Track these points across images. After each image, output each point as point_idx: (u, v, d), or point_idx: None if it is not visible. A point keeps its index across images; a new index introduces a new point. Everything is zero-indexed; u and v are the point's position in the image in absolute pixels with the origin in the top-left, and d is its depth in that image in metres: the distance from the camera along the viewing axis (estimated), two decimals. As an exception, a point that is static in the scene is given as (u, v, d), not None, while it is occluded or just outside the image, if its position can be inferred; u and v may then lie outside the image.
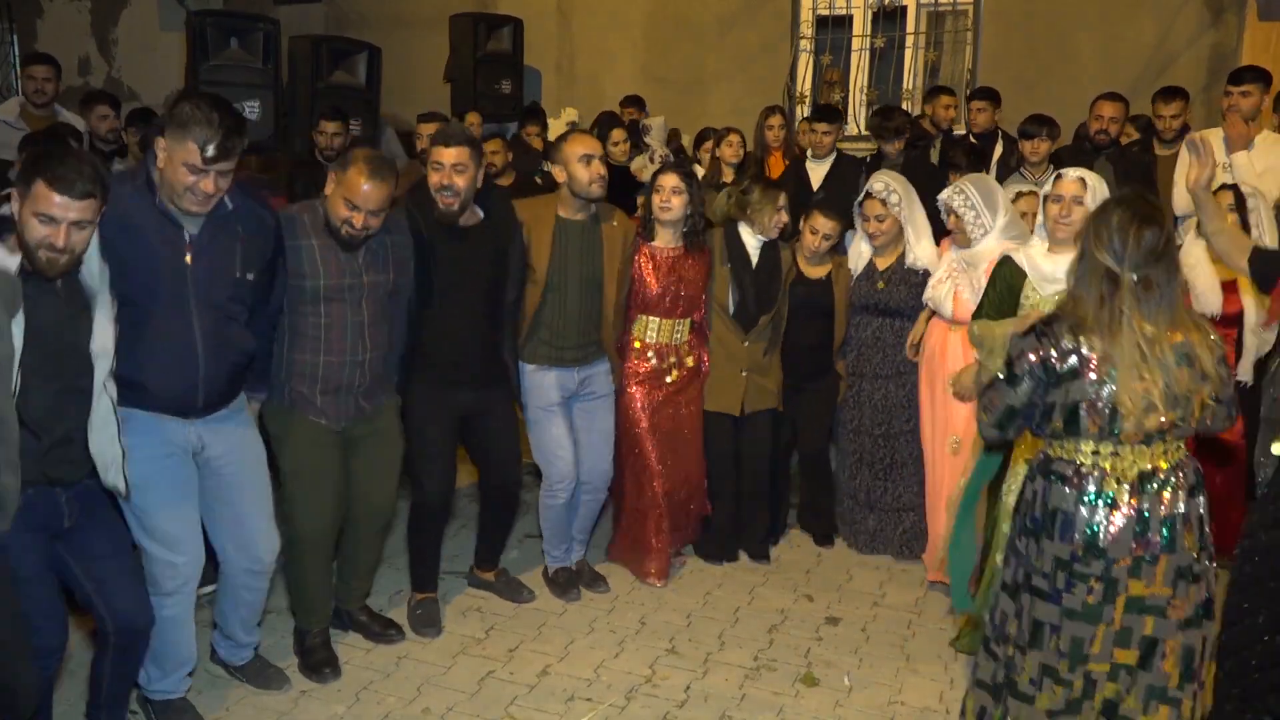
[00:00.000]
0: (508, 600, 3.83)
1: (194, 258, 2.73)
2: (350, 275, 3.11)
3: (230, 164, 2.67)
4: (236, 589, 3.09)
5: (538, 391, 3.73)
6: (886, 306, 4.15)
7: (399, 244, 3.26)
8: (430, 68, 8.17)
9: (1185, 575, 2.34)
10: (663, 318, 3.90)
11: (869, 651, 3.56)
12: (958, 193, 3.78)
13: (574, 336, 3.72)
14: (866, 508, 4.31)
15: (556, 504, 3.84)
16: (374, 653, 3.45)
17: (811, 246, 4.16)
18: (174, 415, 2.80)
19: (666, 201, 3.80)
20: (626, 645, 3.56)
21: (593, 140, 3.72)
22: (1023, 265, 3.29)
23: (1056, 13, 7.14)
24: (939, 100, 6.33)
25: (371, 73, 6.91)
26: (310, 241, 3.07)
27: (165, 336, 2.72)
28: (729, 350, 4.04)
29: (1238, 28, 6.51)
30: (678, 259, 3.88)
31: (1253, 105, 4.51)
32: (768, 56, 7.89)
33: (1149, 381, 2.23)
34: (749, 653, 3.53)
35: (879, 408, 4.21)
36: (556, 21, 8.55)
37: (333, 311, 3.10)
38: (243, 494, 2.98)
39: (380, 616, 3.59)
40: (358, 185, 2.99)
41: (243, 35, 6.07)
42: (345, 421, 3.21)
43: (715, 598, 3.94)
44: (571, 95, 8.02)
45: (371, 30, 8.02)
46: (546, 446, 3.77)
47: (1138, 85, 6.33)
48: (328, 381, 3.13)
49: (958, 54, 7.63)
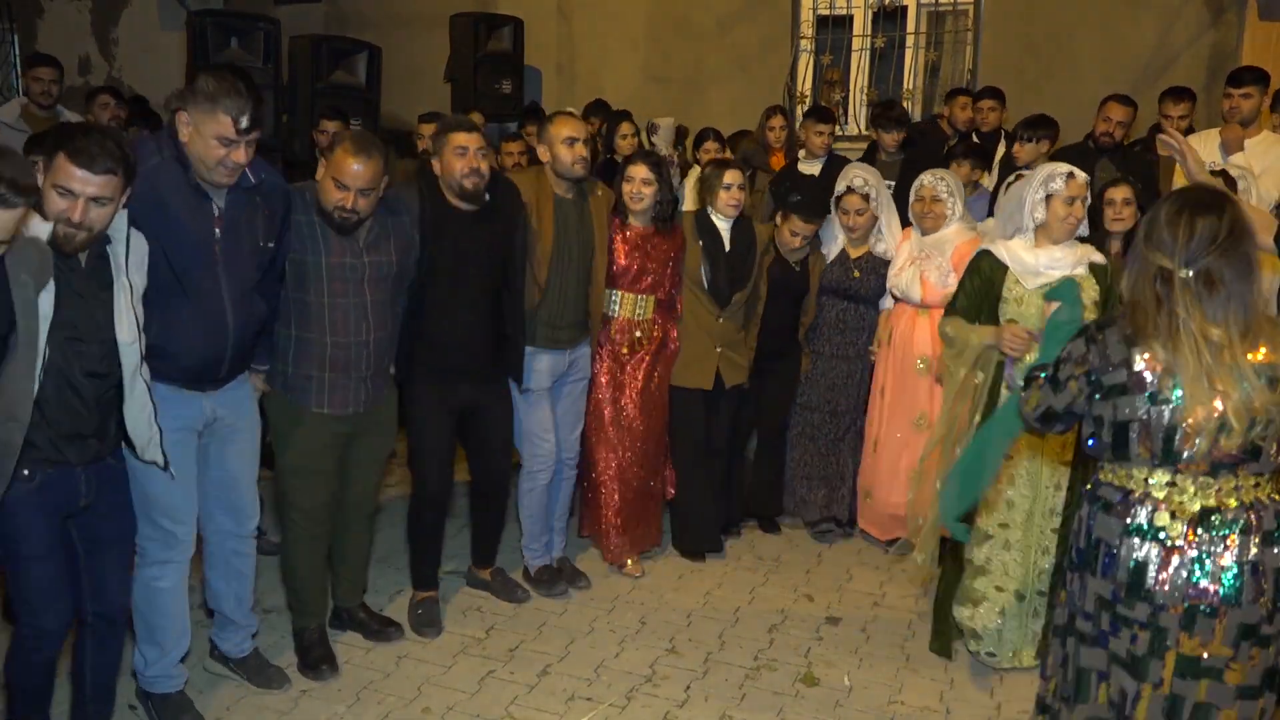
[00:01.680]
0: (505, 600, 3.83)
1: (223, 231, 2.80)
2: (351, 255, 3.13)
3: (259, 133, 2.74)
4: (227, 557, 3.11)
5: (531, 375, 3.76)
6: (858, 293, 4.37)
7: (403, 225, 3.28)
8: (431, 67, 8.16)
9: (1251, 635, 2.00)
10: (625, 291, 3.95)
11: (869, 651, 3.57)
12: (940, 179, 4.12)
13: (570, 315, 3.78)
14: (812, 480, 4.51)
15: (537, 487, 3.86)
16: (374, 652, 3.45)
17: (791, 246, 4.27)
18: (194, 388, 2.85)
19: (638, 192, 3.88)
20: (627, 645, 3.56)
21: (578, 123, 3.77)
22: (1003, 259, 3.23)
23: (1057, 12, 7.13)
24: (956, 101, 6.25)
25: (372, 72, 6.93)
26: (312, 217, 3.10)
27: (197, 306, 2.78)
28: (703, 325, 4.09)
29: (1238, 27, 6.50)
30: (647, 236, 3.95)
31: (1253, 107, 4.52)
32: (768, 56, 7.89)
33: (1222, 393, 1.94)
34: (749, 652, 3.53)
35: (832, 386, 4.43)
36: (557, 21, 8.55)
37: (335, 290, 3.12)
38: (240, 459, 3.04)
39: (379, 615, 3.59)
40: (346, 164, 2.99)
41: (243, 35, 6.10)
42: (352, 408, 3.22)
43: (715, 597, 3.94)
44: (572, 95, 8.01)
45: (372, 30, 8.02)
46: (530, 429, 3.81)
47: (1138, 85, 6.32)
48: (335, 362, 3.16)
49: (958, 54, 7.62)
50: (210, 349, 2.83)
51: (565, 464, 3.96)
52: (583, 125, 3.79)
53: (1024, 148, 4.91)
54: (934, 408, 4.06)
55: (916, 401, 4.17)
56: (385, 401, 3.36)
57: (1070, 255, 3.20)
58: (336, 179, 3.02)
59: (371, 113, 6.85)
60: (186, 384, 2.83)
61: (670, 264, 4.00)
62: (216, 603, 3.18)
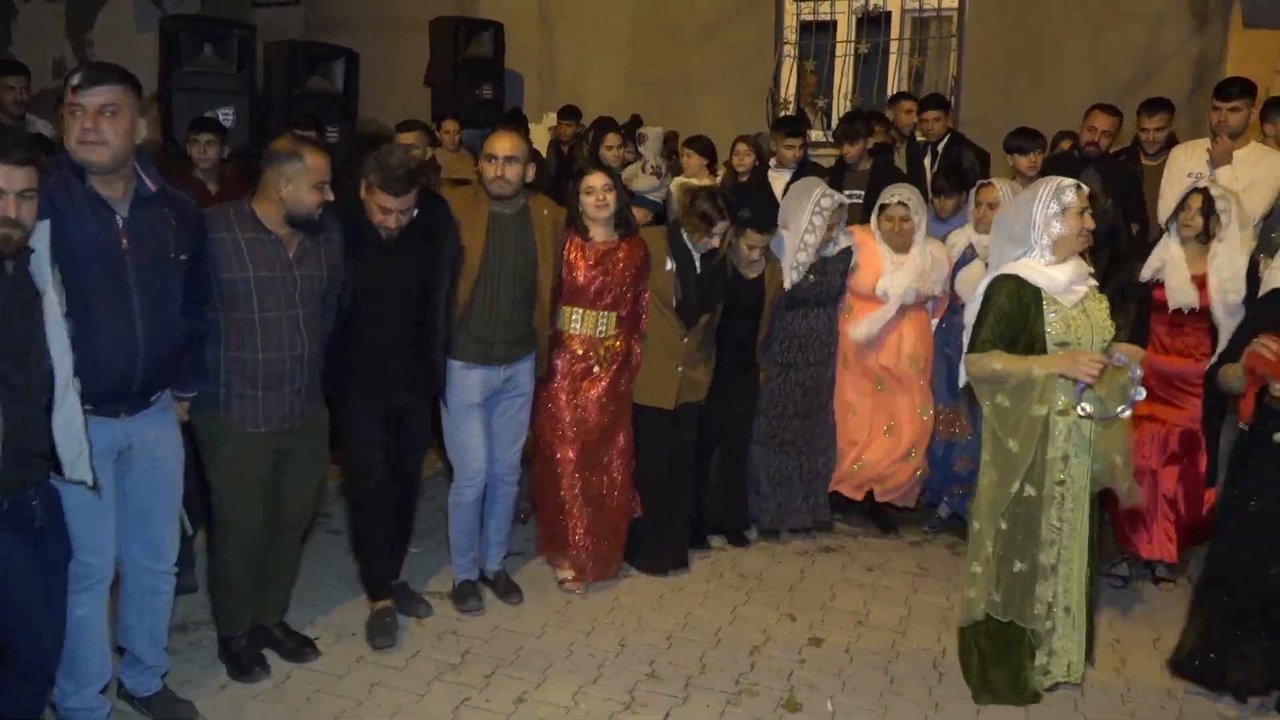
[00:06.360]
0: (408, 615, 3.76)
1: (129, 240, 2.72)
2: (281, 268, 3.08)
3: (105, 96, 2.60)
4: (142, 592, 3.01)
5: (461, 388, 3.70)
6: (819, 298, 4.44)
7: (332, 241, 3.25)
8: (410, 72, 8.08)
9: None
10: (587, 308, 3.89)
11: (852, 674, 3.50)
12: (905, 200, 4.39)
13: (504, 332, 3.71)
14: (776, 486, 4.55)
15: (465, 501, 3.81)
16: (346, 680, 3.36)
17: (748, 259, 4.23)
18: (105, 412, 2.74)
19: (602, 200, 3.83)
20: (605, 669, 3.48)
21: (508, 141, 3.62)
22: (1034, 281, 3.12)
23: (1041, 19, 7.12)
24: (901, 105, 6.31)
25: (349, 78, 6.84)
26: (235, 235, 3.04)
27: (106, 319, 2.68)
28: (668, 344, 4.03)
29: (1222, 35, 6.49)
30: (609, 251, 3.88)
31: (1241, 120, 4.46)
32: (752, 62, 7.85)
33: None
34: (730, 676, 3.46)
35: (806, 390, 4.50)
36: (539, 26, 8.47)
37: (267, 305, 3.06)
38: (156, 492, 2.93)
39: (296, 634, 3.51)
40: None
41: (217, 41, 5.99)
42: (287, 424, 3.17)
43: (696, 617, 3.87)
44: (554, 101, 7.94)
45: (350, 34, 7.92)
46: (462, 443, 3.75)
47: (1123, 93, 6.29)
48: (269, 378, 3.10)
49: (942, 60, 7.59)
50: (119, 366, 2.71)
51: (502, 480, 3.88)
52: (516, 143, 3.62)
53: (1020, 160, 4.87)
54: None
55: (872, 367, 4.52)
56: (318, 419, 3.32)
57: (1080, 269, 3.16)
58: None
59: (349, 119, 6.76)
60: (97, 407, 2.70)
61: (631, 278, 3.93)
62: (129, 638, 3.06)
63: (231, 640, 3.34)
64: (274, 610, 3.49)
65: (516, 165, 3.60)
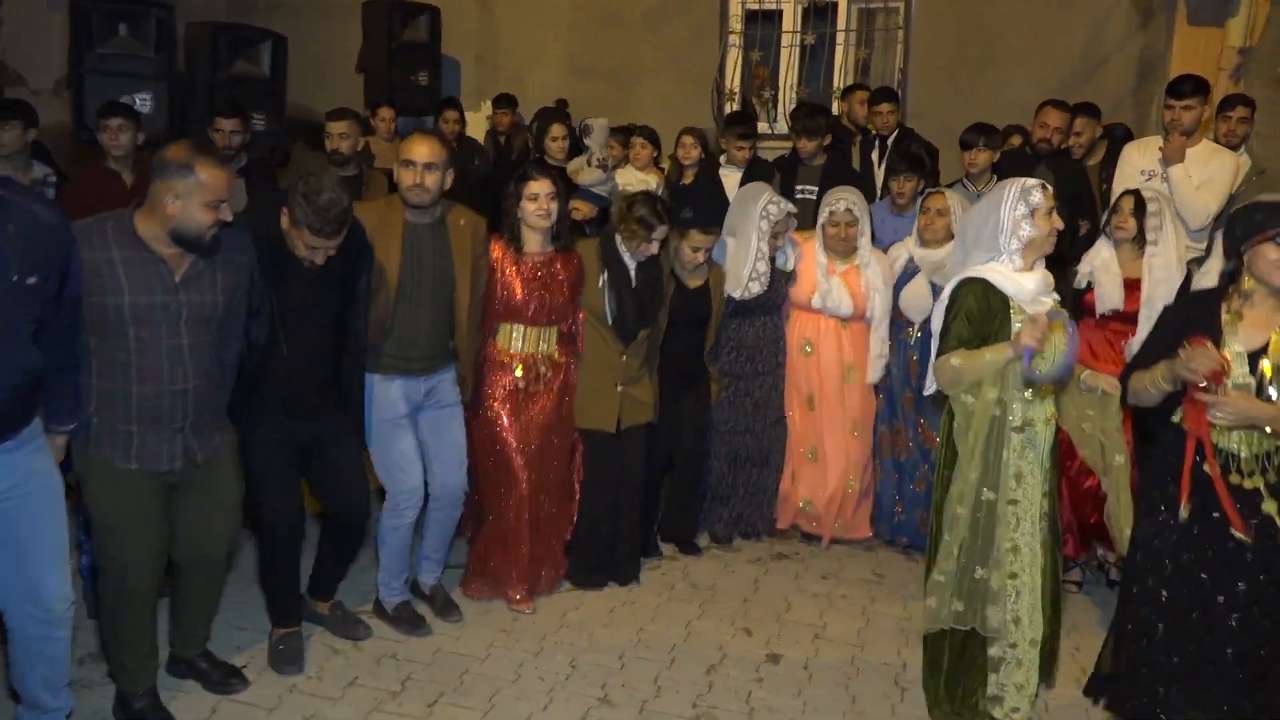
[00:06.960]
0: (343, 637, 3.55)
1: None
2: (164, 293, 2.75)
3: None
4: (29, 643, 2.70)
5: (383, 403, 3.48)
6: (765, 305, 4.34)
7: (232, 265, 2.91)
8: (341, 57, 7.75)
9: None
10: (528, 325, 3.70)
11: (813, 693, 3.37)
12: (851, 205, 4.29)
13: (423, 347, 3.50)
14: (724, 499, 4.48)
15: (401, 524, 3.58)
16: (278, 712, 3.13)
17: (692, 263, 4.07)
18: None
19: (544, 209, 3.62)
20: (556, 695, 3.30)
21: (428, 146, 3.38)
22: (1002, 287, 3.00)
23: (987, 12, 7.09)
24: (855, 96, 6.22)
25: (277, 63, 6.50)
26: (111, 254, 2.69)
27: None
28: (605, 362, 3.86)
29: (1167, 31, 6.50)
30: (545, 264, 3.68)
31: (1194, 118, 4.42)
32: (697, 51, 7.69)
33: None
34: (687, 699, 3.31)
35: (758, 403, 4.42)
36: (477, 9, 8.21)
37: (144, 334, 2.73)
38: (31, 534, 2.60)
39: (222, 663, 3.27)
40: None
41: (133, 21, 5.61)
42: (167, 465, 2.86)
43: (649, 634, 3.71)
44: (493, 88, 7.67)
45: (278, 17, 7.55)
46: (393, 461, 3.52)
47: (1068, 87, 6.28)
48: (144, 413, 2.78)
49: (888, 52, 7.51)
50: None
51: (435, 503, 3.64)
52: (436, 148, 3.39)
53: (978, 155, 4.77)
54: (866, 416, 4.44)
55: (849, 411, 4.41)
56: (217, 453, 2.99)
57: (1047, 280, 3.05)
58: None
59: (277, 107, 6.42)
60: None
61: (570, 290, 3.74)
62: (23, 685, 2.78)
63: (133, 697, 3.00)
64: (194, 643, 3.24)
65: (436, 173, 3.38)
